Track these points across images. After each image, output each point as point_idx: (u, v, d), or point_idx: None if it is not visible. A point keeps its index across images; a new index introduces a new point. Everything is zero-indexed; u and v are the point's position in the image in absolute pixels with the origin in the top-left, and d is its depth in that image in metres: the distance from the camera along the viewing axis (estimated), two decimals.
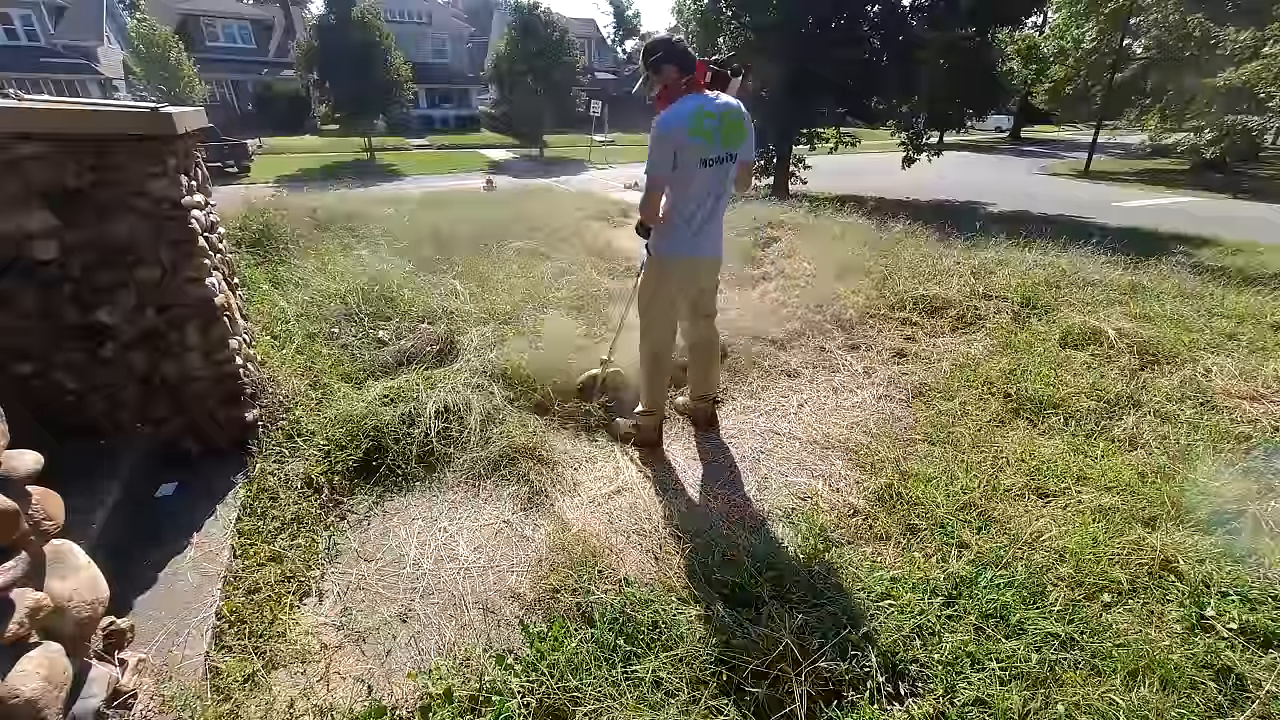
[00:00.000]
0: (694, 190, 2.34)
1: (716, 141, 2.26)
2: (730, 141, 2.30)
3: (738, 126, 2.31)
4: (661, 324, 2.62)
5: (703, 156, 2.26)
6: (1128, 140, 26.69)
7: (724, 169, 2.34)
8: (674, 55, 2.28)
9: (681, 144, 2.23)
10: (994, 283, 4.51)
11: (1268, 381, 3.03)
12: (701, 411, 2.94)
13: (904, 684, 1.57)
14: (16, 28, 23.90)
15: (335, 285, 4.12)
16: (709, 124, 2.23)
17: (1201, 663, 1.60)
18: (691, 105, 2.24)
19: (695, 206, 2.37)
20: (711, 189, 2.36)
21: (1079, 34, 21.29)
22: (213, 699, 1.54)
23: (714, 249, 2.52)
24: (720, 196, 2.41)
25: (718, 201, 2.41)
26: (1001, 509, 2.21)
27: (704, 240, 2.45)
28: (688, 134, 2.21)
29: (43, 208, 2.03)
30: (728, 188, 2.44)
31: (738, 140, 2.33)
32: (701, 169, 2.28)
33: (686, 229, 2.41)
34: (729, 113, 2.29)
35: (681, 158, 2.25)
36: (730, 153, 2.33)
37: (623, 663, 1.62)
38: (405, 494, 2.47)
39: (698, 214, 2.39)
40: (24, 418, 1.87)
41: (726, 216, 2.59)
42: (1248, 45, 15.68)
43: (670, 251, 2.47)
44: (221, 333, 2.44)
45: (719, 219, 2.48)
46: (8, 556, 1.23)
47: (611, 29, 43.75)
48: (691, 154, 2.24)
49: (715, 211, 2.43)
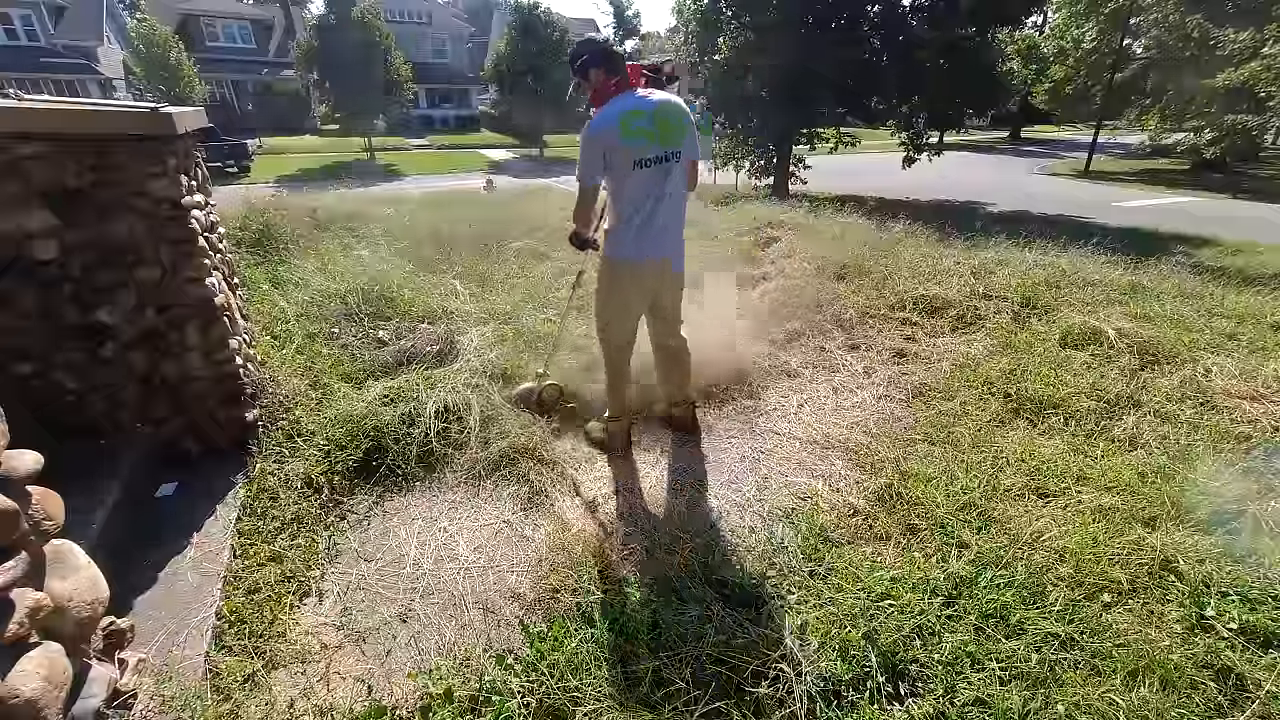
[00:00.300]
0: (631, 193, 2.26)
1: (654, 141, 2.18)
2: (669, 140, 2.22)
3: (675, 124, 2.23)
4: (617, 328, 2.55)
5: (637, 158, 2.18)
6: (1128, 140, 26.67)
7: (665, 169, 2.25)
8: (599, 58, 2.22)
9: (611, 146, 2.16)
10: (994, 283, 4.51)
11: (1268, 381, 3.03)
12: (679, 418, 2.88)
13: (904, 684, 1.57)
14: (16, 28, 23.89)
15: (335, 285, 4.12)
16: (640, 123, 2.16)
17: (1201, 663, 1.61)
18: (620, 106, 2.17)
19: (633, 209, 2.29)
20: (650, 191, 2.26)
21: (1079, 34, 21.26)
22: (213, 699, 1.54)
23: (659, 251, 2.39)
24: (662, 198, 2.29)
25: (659, 203, 2.30)
26: (1001, 509, 2.21)
27: (646, 243, 2.35)
28: (618, 136, 2.14)
29: (43, 208, 2.03)
30: (673, 188, 2.32)
31: (677, 138, 2.24)
32: (638, 170, 2.20)
33: (626, 232, 2.33)
34: (662, 110, 2.20)
35: (612, 160, 2.18)
36: (671, 152, 2.23)
37: (623, 663, 1.62)
38: (405, 494, 2.47)
39: (635, 216, 2.30)
40: (24, 418, 1.87)
41: (727, 216, 2.59)
42: (1247, 45, 15.67)
43: (612, 254, 2.41)
44: (221, 333, 2.44)
45: (665, 221, 2.35)
46: (8, 556, 1.23)
47: (611, 29, 43.74)
48: (623, 156, 2.17)
49: (656, 213, 2.31)
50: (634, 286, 2.45)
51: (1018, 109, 32.88)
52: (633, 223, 2.30)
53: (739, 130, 13.64)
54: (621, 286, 2.45)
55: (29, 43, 24.10)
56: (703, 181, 14.87)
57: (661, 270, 2.45)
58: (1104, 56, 20.57)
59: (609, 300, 2.51)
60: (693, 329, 2.84)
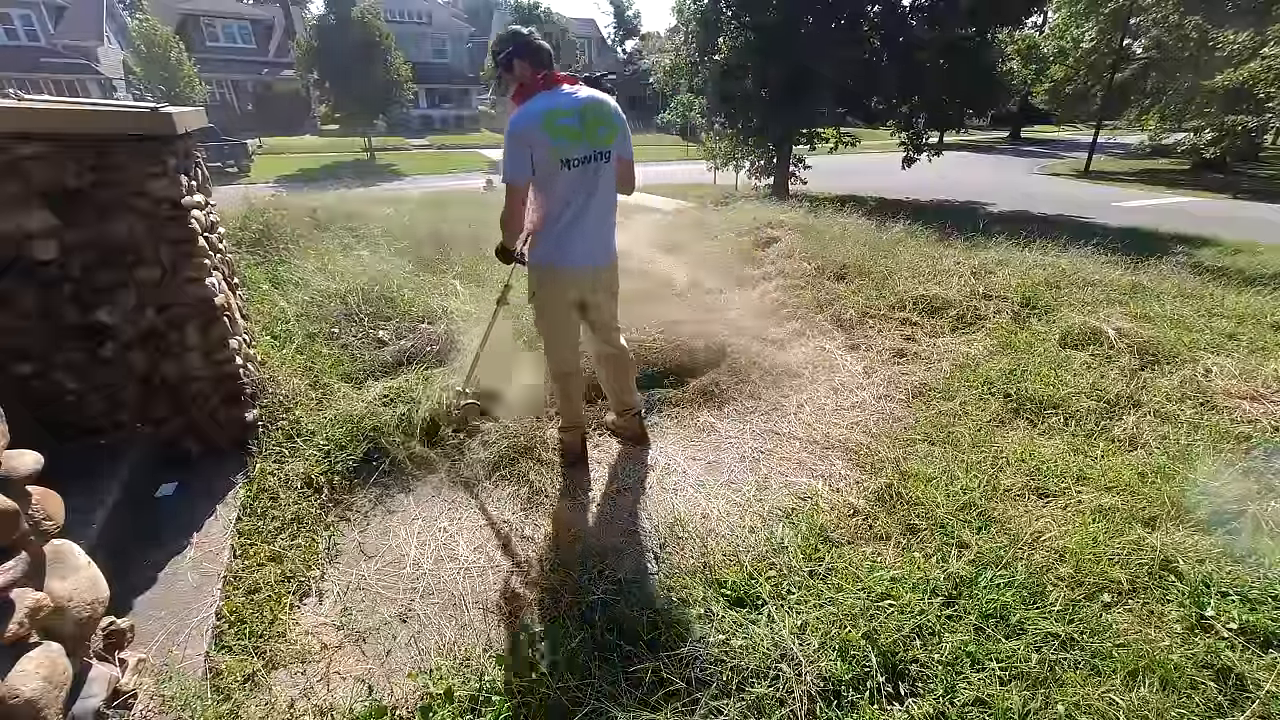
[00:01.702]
0: (558, 193, 2.12)
1: (581, 140, 2.05)
2: (598, 139, 2.09)
3: (604, 121, 2.10)
4: (556, 339, 2.43)
5: (564, 156, 2.05)
6: (1128, 140, 26.69)
7: (594, 169, 2.12)
8: (524, 50, 2.07)
9: (536, 144, 2.02)
10: (994, 283, 4.51)
11: (1268, 381, 3.03)
12: (625, 428, 2.77)
13: (904, 684, 1.56)
14: (16, 28, 23.92)
15: (335, 285, 4.12)
16: (566, 121, 2.03)
17: (1201, 663, 1.60)
18: (545, 103, 2.03)
19: (560, 210, 2.15)
20: (579, 192, 2.13)
21: (1079, 34, 21.28)
22: (213, 699, 1.54)
23: (589, 257, 2.25)
24: (592, 200, 2.16)
25: (587, 205, 2.16)
26: (1001, 509, 2.21)
27: (572, 247, 2.20)
28: (543, 133, 2.01)
29: (43, 208, 2.03)
30: (603, 190, 2.19)
31: (607, 136, 2.11)
32: (565, 170, 2.07)
33: (550, 234, 2.19)
34: (590, 107, 2.07)
35: (538, 159, 2.04)
36: (601, 151, 2.11)
37: (623, 663, 1.62)
38: (405, 494, 2.47)
39: (562, 217, 2.16)
40: (24, 418, 1.87)
41: (726, 216, 2.58)
42: (1247, 46, 15.68)
43: (536, 260, 2.27)
44: (221, 333, 2.44)
45: (595, 224, 2.22)
46: (8, 556, 1.23)
47: (611, 29, 43.77)
48: (550, 154, 2.03)
49: (585, 215, 2.17)
50: (565, 293, 2.31)
51: (1018, 109, 32.89)
52: (559, 223, 2.17)
53: (739, 130, 13.64)
54: (553, 295, 2.31)
55: (29, 43, 24.11)
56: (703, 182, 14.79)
57: (593, 276, 2.31)
58: (1104, 56, 20.58)
59: (541, 310, 2.38)
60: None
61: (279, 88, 28.91)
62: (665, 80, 15.50)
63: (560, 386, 2.55)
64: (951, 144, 22.34)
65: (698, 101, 14.24)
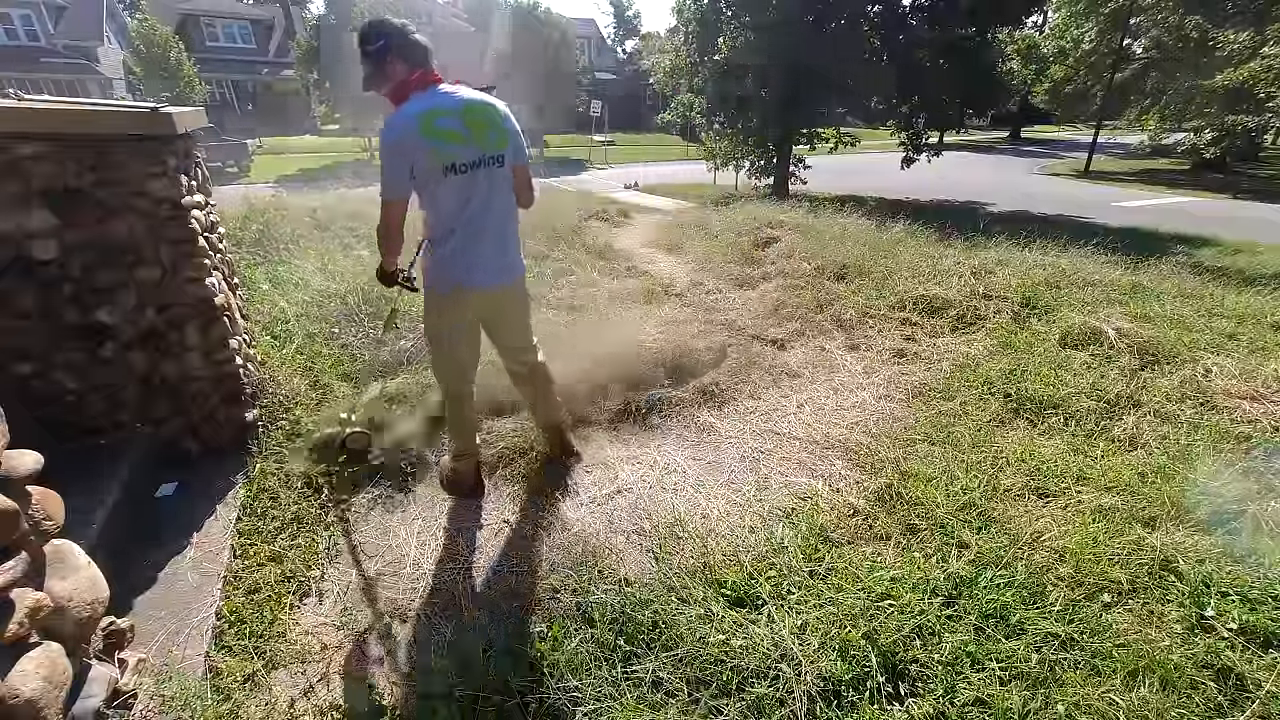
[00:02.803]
0: (445, 205, 1.91)
1: (466, 143, 1.85)
2: (487, 141, 1.89)
3: (490, 124, 1.90)
4: (446, 364, 2.23)
5: (447, 162, 1.83)
6: (1128, 140, 26.68)
7: (483, 175, 1.91)
8: (398, 46, 1.85)
9: (414, 149, 1.80)
10: (994, 283, 4.51)
11: (1268, 381, 3.03)
12: (553, 443, 2.61)
13: (904, 684, 1.56)
14: (16, 28, 23.89)
15: (335, 285, 4.13)
16: (446, 123, 1.82)
17: (1201, 663, 1.60)
18: (421, 104, 1.82)
19: (450, 225, 1.93)
20: (468, 201, 1.91)
21: (1079, 34, 21.27)
22: (213, 699, 1.54)
23: (489, 276, 2.03)
24: (489, 205, 1.96)
25: (482, 217, 1.95)
26: (1001, 509, 2.21)
27: (472, 266, 1.99)
28: (420, 137, 1.79)
29: (43, 207, 2.03)
30: (498, 199, 1.99)
31: (497, 141, 1.92)
32: (450, 178, 1.86)
33: (447, 252, 1.97)
34: (472, 109, 1.87)
35: (418, 167, 1.83)
36: (491, 155, 1.91)
37: (623, 663, 1.62)
38: (405, 494, 2.47)
39: (454, 236, 1.94)
40: (24, 418, 1.87)
41: (726, 216, 2.56)
42: (1246, 46, 15.68)
43: (435, 285, 2.05)
44: (221, 332, 2.44)
45: (494, 236, 2.01)
46: (8, 556, 1.23)
47: (611, 29, 43.77)
48: (430, 161, 1.82)
49: (483, 226, 1.97)
50: (462, 318, 2.11)
51: (1018, 109, 32.90)
52: (451, 242, 1.95)
53: (739, 130, 13.64)
54: (449, 320, 2.11)
55: (29, 43, 24.09)
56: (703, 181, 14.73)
57: (501, 296, 2.12)
58: (1104, 56, 20.57)
59: (437, 336, 2.17)
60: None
61: (279, 88, 28.90)
62: (665, 80, 15.50)
63: (454, 410, 2.33)
64: (951, 144, 22.34)
65: (698, 101, 14.24)
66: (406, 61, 1.86)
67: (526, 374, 2.41)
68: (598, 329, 3.88)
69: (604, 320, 4.05)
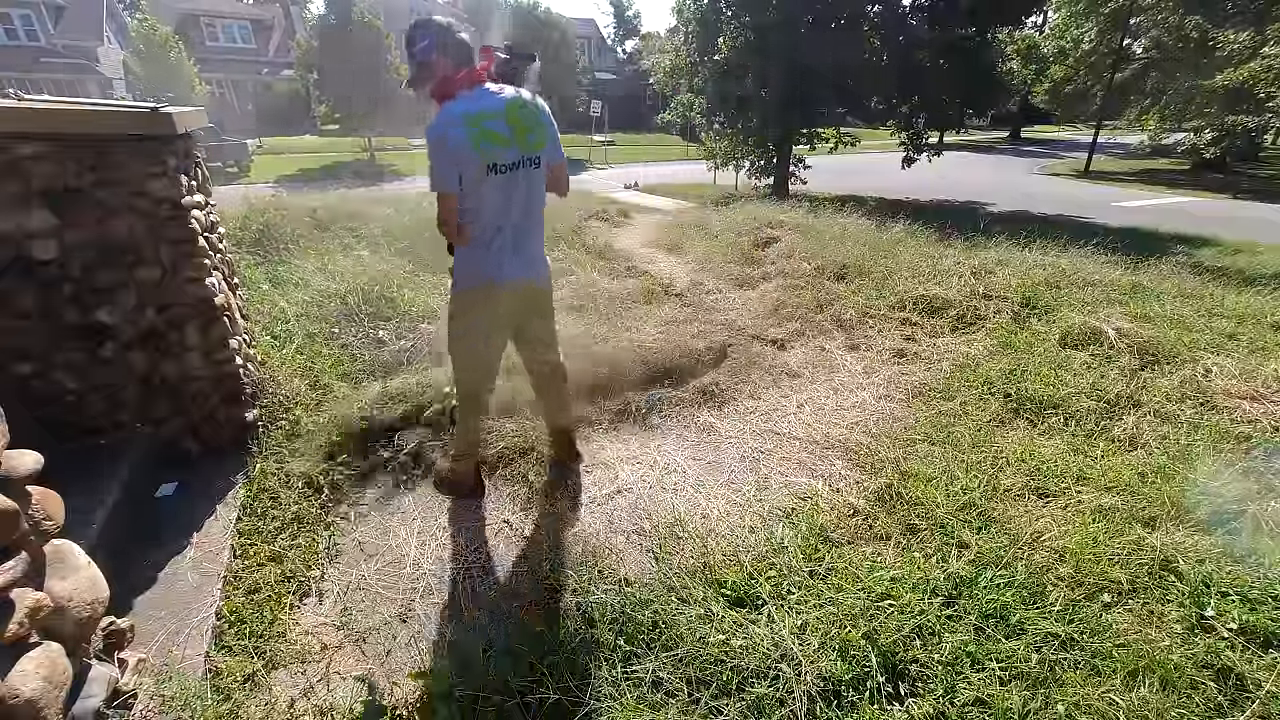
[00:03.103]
0: (488, 205, 1.94)
1: (509, 145, 1.89)
2: (527, 143, 1.92)
3: (532, 123, 1.93)
4: (470, 364, 2.23)
5: (490, 162, 1.86)
6: (1128, 140, 26.69)
7: (523, 176, 1.95)
8: (442, 45, 1.87)
9: (460, 149, 1.83)
10: (994, 283, 4.51)
11: (1268, 381, 3.03)
12: (559, 445, 2.62)
13: (904, 684, 1.56)
14: (16, 28, 23.89)
15: (335, 285, 4.13)
16: (492, 125, 1.85)
17: (1201, 663, 1.60)
18: (467, 105, 1.85)
19: (493, 227, 1.97)
20: (509, 201, 1.95)
21: (1079, 34, 21.27)
22: (213, 699, 1.54)
23: (524, 271, 2.08)
24: (526, 211, 2.01)
25: (523, 217, 2.00)
26: (1001, 509, 2.21)
27: (508, 264, 2.03)
28: (466, 137, 1.83)
29: (43, 208, 2.03)
30: (534, 199, 2.03)
31: (537, 141, 1.95)
32: (492, 177, 1.89)
33: (485, 252, 2.00)
34: (516, 108, 1.90)
35: (464, 164, 1.86)
36: (531, 156, 1.94)
37: (623, 663, 1.62)
38: (405, 494, 2.47)
39: (497, 236, 1.98)
40: (24, 418, 1.87)
41: (726, 216, 2.56)
42: (1246, 46, 15.68)
43: (467, 280, 2.07)
44: (221, 332, 2.44)
45: (529, 236, 2.07)
46: (8, 556, 1.23)
47: (611, 29, 43.78)
48: (474, 161, 1.85)
49: (521, 228, 2.02)
50: (495, 316, 2.12)
51: (1018, 109, 32.93)
52: (494, 243, 2.00)
53: (739, 130, 13.65)
54: (479, 318, 2.11)
55: (29, 43, 24.10)
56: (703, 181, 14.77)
57: (527, 292, 2.15)
58: (1104, 56, 20.57)
59: (459, 333, 2.17)
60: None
61: (279, 88, 28.90)
62: (665, 80, 15.50)
63: (466, 410, 2.32)
64: (951, 144, 22.34)
65: (698, 101, 14.24)
66: (452, 60, 1.88)
67: (548, 374, 2.42)
68: (597, 329, 3.88)
69: (604, 320, 4.05)
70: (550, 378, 2.43)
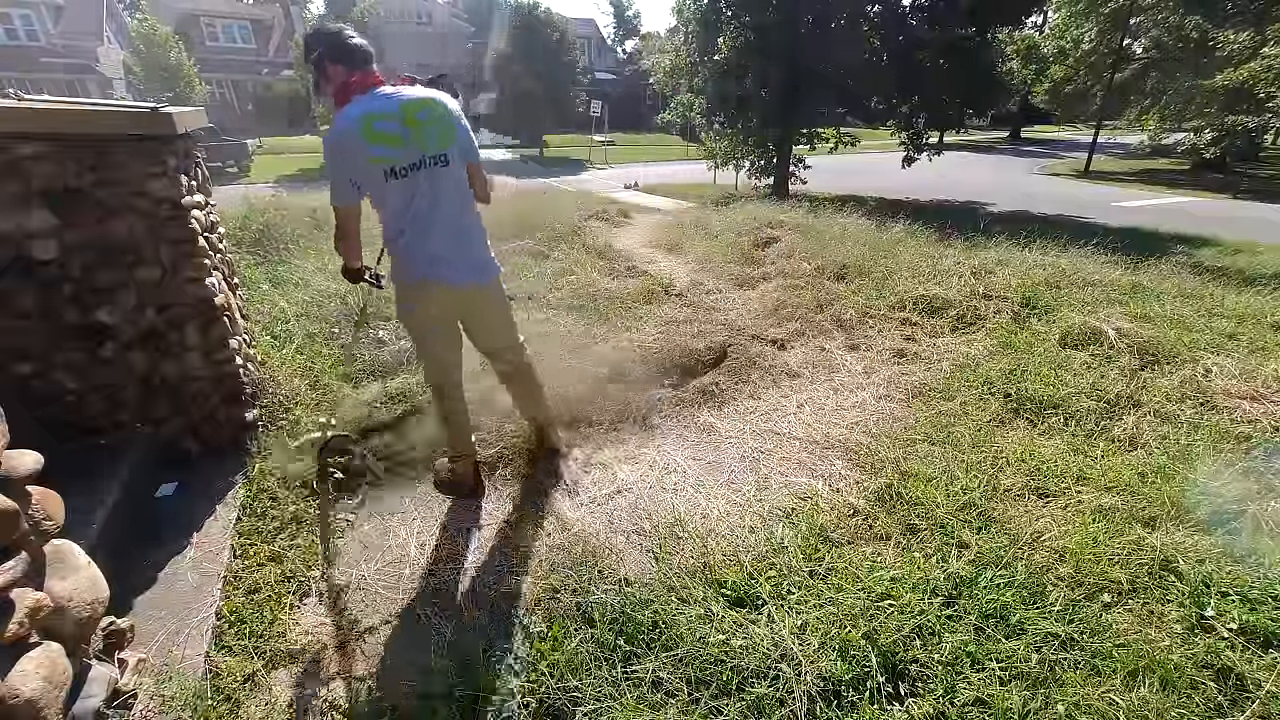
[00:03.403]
0: (391, 208, 1.93)
1: (405, 145, 1.84)
2: (428, 142, 1.86)
3: (433, 123, 1.88)
4: (428, 359, 2.28)
5: (386, 166, 1.83)
6: (1128, 140, 26.67)
7: (424, 176, 1.89)
8: (334, 50, 1.87)
9: (355, 154, 1.82)
10: (994, 283, 4.51)
11: (1268, 381, 3.03)
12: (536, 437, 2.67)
13: (904, 684, 1.56)
14: (16, 28, 23.89)
15: (335, 285, 4.12)
16: (385, 126, 1.81)
17: (1201, 663, 1.60)
18: (361, 108, 1.82)
19: (397, 228, 1.96)
20: (411, 204, 1.91)
21: (1079, 34, 21.27)
22: (213, 699, 1.54)
23: (443, 273, 2.02)
24: (435, 207, 1.94)
25: (429, 218, 1.94)
26: (1001, 509, 2.21)
27: (422, 264, 2.00)
28: (361, 142, 1.80)
29: (43, 208, 2.03)
30: (447, 198, 1.96)
31: (441, 140, 1.89)
32: (391, 182, 1.86)
33: (400, 254, 2.01)
34: (414, 108, 1.85)
35: (360, 170, 1.84)
36: (434, 155, 1.88)
37: (623, 663, 1.62)
38: (405, 494, 2.47)
39: (401, 236, 1.96)
40: (24, 418, 1.87)
41: (727, 216, 2.55)
42: (1246, 46, 15.68)
43: (395, 277, 2.10)
44: (221, 332, 2.44)
45: (444, 238, 1.99)
46: (8, 556, 1.23)
47: (611, 29, 43.80)
48: (370, 164, 1.82)
49: (428, 231, 1.96)
50: (425, 312, 2.12)
51: (1018, 109, 32.91)
52: (399, 243, 1.99)
53: (739, 130, 13.65)
54: (414, 313, 2.13)
55: (29, 43, 24.09)
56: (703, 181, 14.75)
57: (470, 294, 2.12)
58: (1104, 56, 20.57)
59: (409, 329, 2.27)
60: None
61: (279, 88, 28.89)
62: (665, 80, 15.50)
63: (441, 407, 2.35)
64: (951, 144, 22.33)
65: (698, 101, 14.24)
66: (344, 65, 1.87)
67: (510, 371, 2.44)
68: (597, 329, 3.88)
69: (604, 320, 4.05)
70: (513, 375, 2.45)
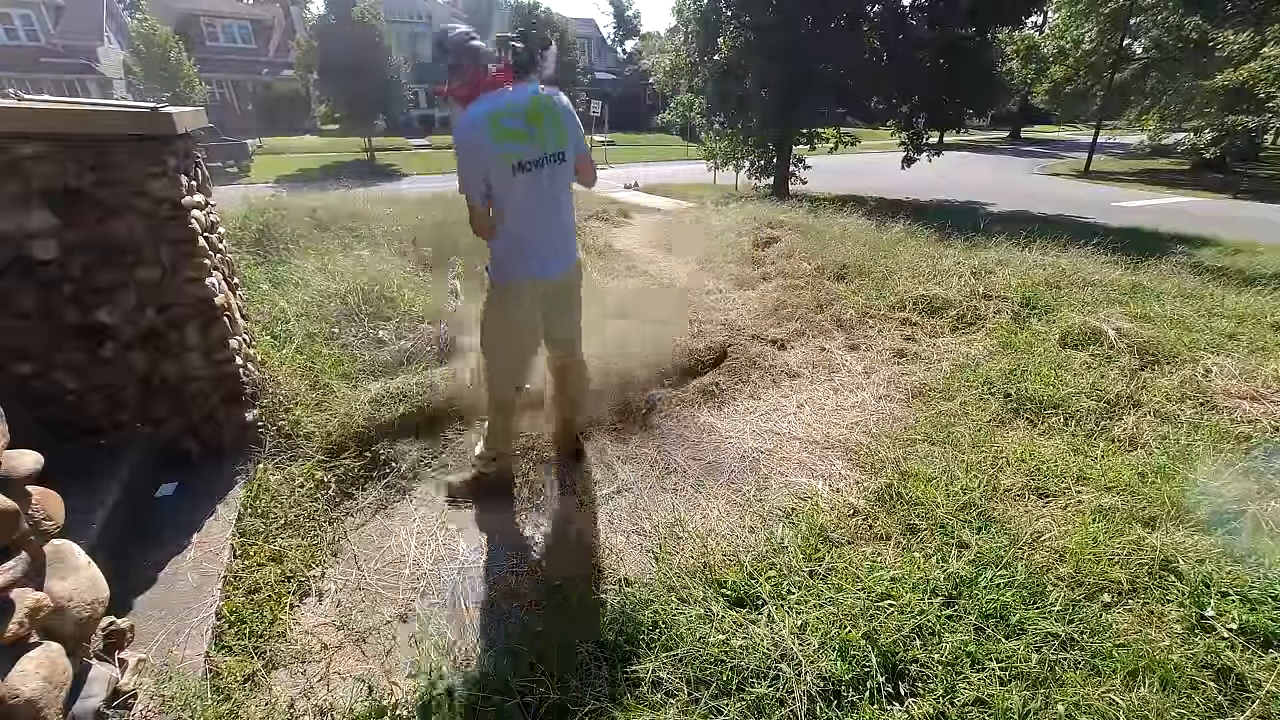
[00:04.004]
0: (516, 204, 1.99)
1: (530, 141, 1.93)
2: (549, 140, 1.96)
3: (551, 120, 1.96)
4: (502, 360, 2.29)
5: (515, 161, 1.92)
6: (1128, 140, 26.69)
7: (549, 172, 1.99)
8: (457, 52, 1.95)
9: (484, 150, 1.90)
10: (994, 283, 4.51)
11: (1268, 381, 3.03)
12: (563, 436, 2.68)
13: (904, 684, 1.56)
14: (16, 28, 23.89)
15: (335, 285, 4.12)
16: (511, 123, 1.90)
17: (1201, 663, 1.60)
18: (487, 106, 1.91)
19: (522, 224, 2.02)
20: (536, 199, 2.00)
21: (1079, 34, 21.28)
22: (213, 699, 1.54)
23: (557, 266, 2.15)
24: (551, 201, 2.05)
25: (551, 214, 2.06)
26: (1001, 509, 2.21)
27: (539, 260, 2.10)
28: (489, 138, 1.88)
29: (43, 208, 2.03)
30: (561, 194, 2.09)
31: (559, 136, 1.98)
32: (519, 177, 1.94)
33: (517, 251, 2.08)
34: (535, 106, 1.94)
35: (489, 165, 1.91)
36: (554, 153, 1.98)
37: (623, 663, 1.62)
38: (405, 494, 2.47)
39: (528, 231, 2.04)
40: (24, 418, 1.87)
41: (727, 216, 2.56)
42: (1246, 46, 15.68)
43: (503, 278, 2.14)
44: (221, 332, 2.44)
45: (558, 232, 2.13)
46: (8, 556, 1.23)
47: (611, 29, 43.79)
48: (498, 160, 1.90)
49: (548, 225, 2.08)
50: (530, 309, 2.17)
51: (1018, 109, 32.94)
52: (523, 239, 2.06)
53: (739, 130, 13.65)
54: (513, 315, 2.18)
55: (29, 43, 24.09)
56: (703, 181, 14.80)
57: (558, 288, 2.21)
58: (1104, 57, 20.58)
59: (493, 330, 2.25)
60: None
61: (279, 88, 28.90)
62: (665, 80, 15.51)
63: (500, 411, 2.38)
64: (951, 144, 22.34)
65: (698, 101, 14.24)
66: (475, 64, 1.96)
67: (568, 367, 2.48)
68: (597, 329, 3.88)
69: (603, 320, 4.05)
70: (569, 370, 2.49)
